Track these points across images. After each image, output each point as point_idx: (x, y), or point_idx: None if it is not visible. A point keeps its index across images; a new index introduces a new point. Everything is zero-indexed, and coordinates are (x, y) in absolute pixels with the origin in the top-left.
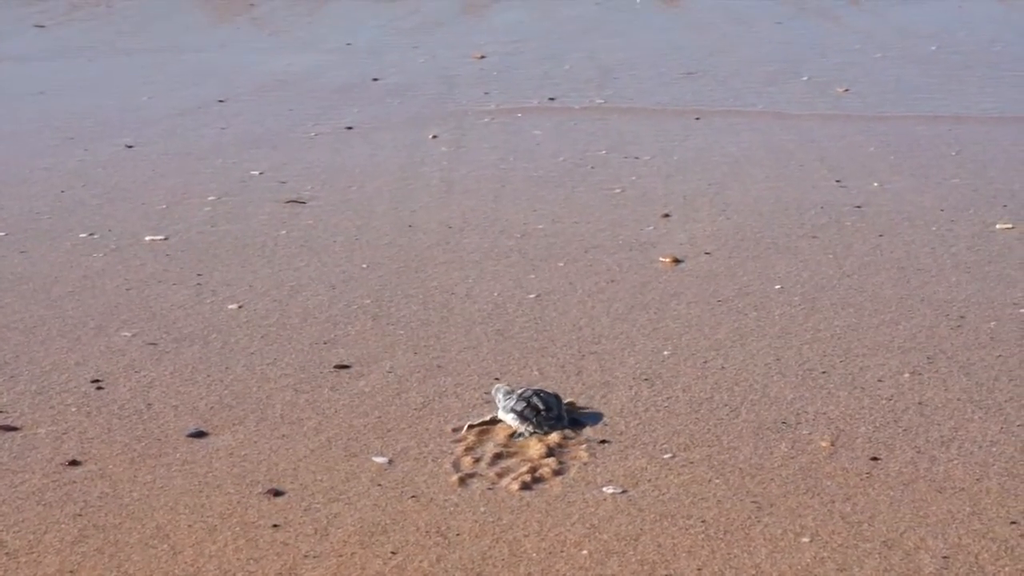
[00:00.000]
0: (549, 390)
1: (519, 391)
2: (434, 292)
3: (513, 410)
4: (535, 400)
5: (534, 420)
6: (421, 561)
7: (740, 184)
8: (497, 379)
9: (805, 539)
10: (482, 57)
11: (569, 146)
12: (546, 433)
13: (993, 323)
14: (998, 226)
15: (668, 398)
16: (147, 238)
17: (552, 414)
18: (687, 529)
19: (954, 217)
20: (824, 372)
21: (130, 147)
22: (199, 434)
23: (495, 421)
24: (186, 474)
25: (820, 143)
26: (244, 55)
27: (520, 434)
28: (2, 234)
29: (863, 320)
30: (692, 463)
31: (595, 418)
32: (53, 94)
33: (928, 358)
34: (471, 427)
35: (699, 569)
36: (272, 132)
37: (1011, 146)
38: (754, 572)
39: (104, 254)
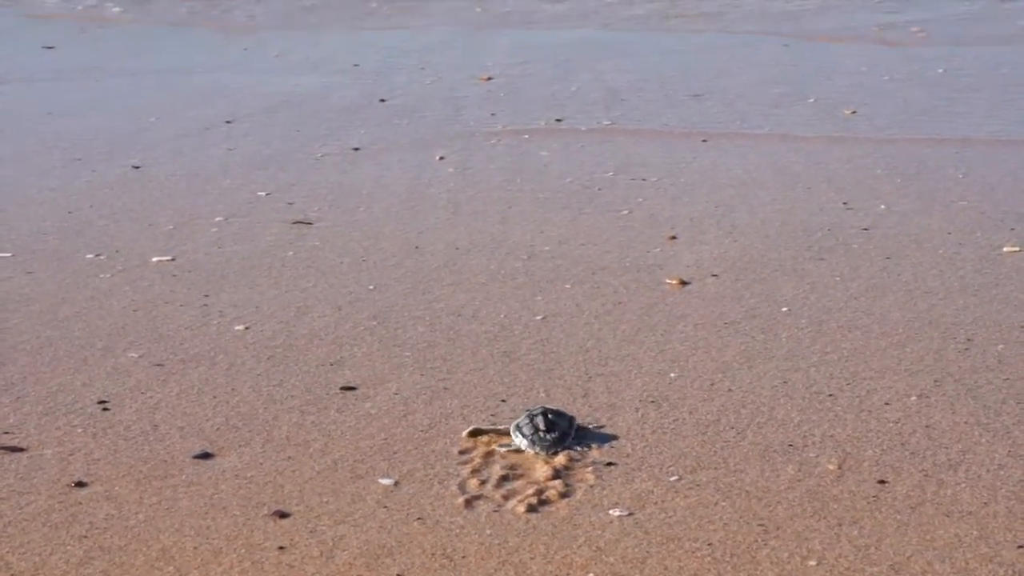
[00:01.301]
0: (565, 411)
1: (533, 409)
2: (440, 314)
3: (518, 424)
4: (538, 419)
5: (529, 437)
6: None
7: (747, 206)
8: (504, 400)
9: (812, 562)
10: (489, 79)
11: (576, 168)
12: (548, 453)
13: (1001, 346)
14: (1005, 249)
15: (675, 420)
16: (154, 259)
17: (551, 435)
18: (693, 552)
19: (961, 240)
20: (831, 395)
21: (137, 168)
22: (205, 455)
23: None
24: (192, 496)
25: (827, 165)
26: (251, 76)
27: (515, 447)
28: (9, 255)
29: (870, 343)
30: (699, 486)
31: (604, 439)
32: (61, 115)
33: (935, 381)
34: (475, 434)
35: None
36: (279, 153)
37: (1019, 168)
38: None
39: (111, 275)
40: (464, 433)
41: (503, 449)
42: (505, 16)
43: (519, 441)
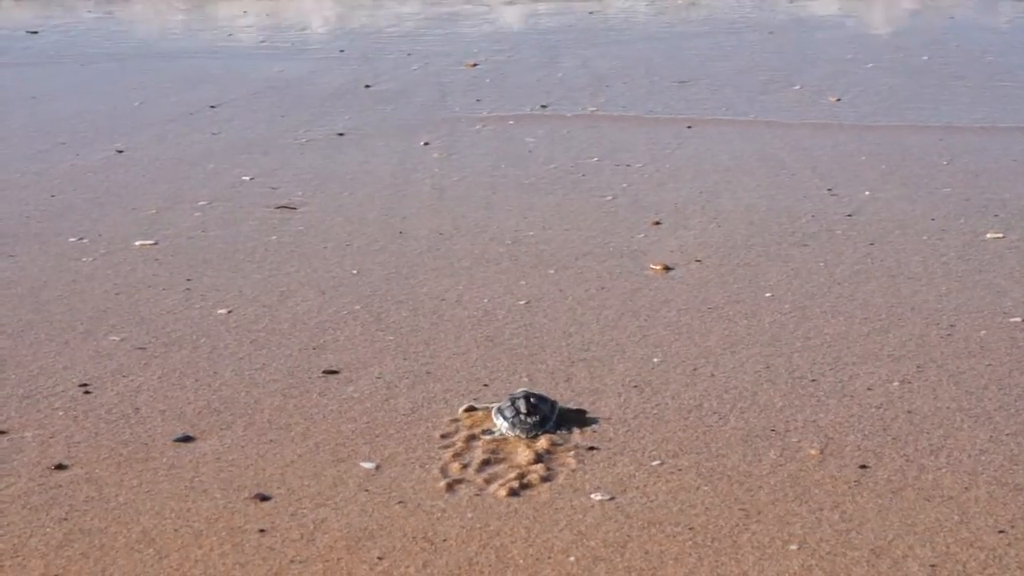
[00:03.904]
0: (548, 396)
1: (515, 393)
2: (424, 299)
3: (499, 408)
4: (520, 403)
5: (510, 420)
6: (407, 567)
7: (731, 192)
8: (486, 385)
9: (793, 547)
10: (475, 65)
11: (561, 153)
12: (529, 436)
13: (983, 332)
14: (988, 235)
15: (657, 405)
16: (137, 243)
17: (532, 419)
18: (675, 536)
19: (945, 226)
20: (814, 380)
21: (121, 152)
22: (186, 439)
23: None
24: (172, 479)
25: (812, 152)
26: (236, 61)
27: (489, 431)
28: None
29: (853, 328)
30: (680, 470)
31: (586, 423)
32: (45, 99)
33: (918, 367)
34: (469, 410)
35: None
36: (263, 138)
37: (1002, 156)
38: None
39: (94, 258)
40: (460, 410)
41: (487, 437)
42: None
43: (500, 424)
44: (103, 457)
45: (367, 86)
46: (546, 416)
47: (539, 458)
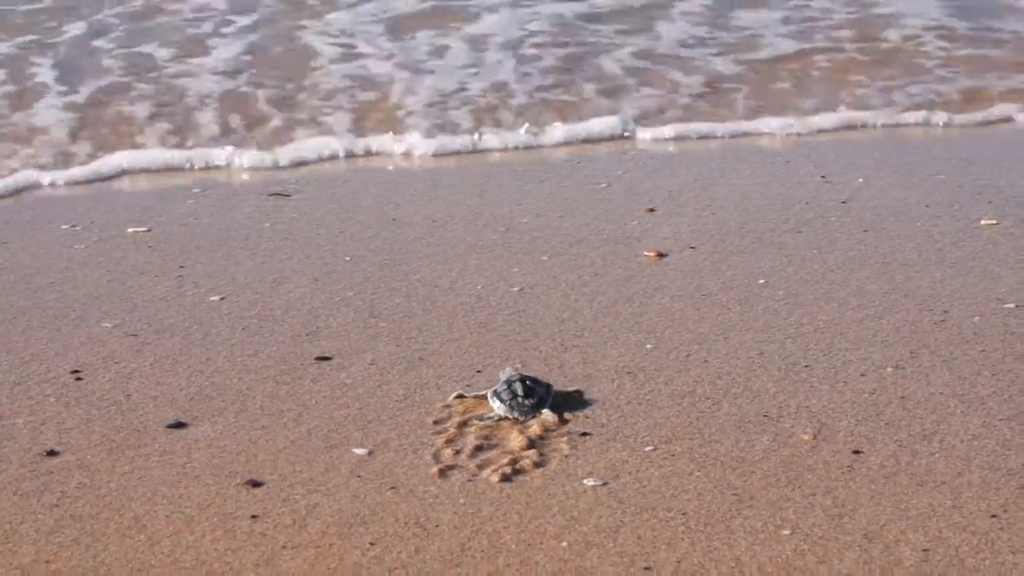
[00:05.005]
0: (543, 379)
1: (512, 375)
2: (417, 285)
3: (496, 391)
4: (516, 385)
5: (508, 403)
6: (400, 552)
7: (726, 179)
8: (479, 371)
9: (786, 531)
10: None
11: None
12: (527, 418)
13: (976, 318)
14: (983, 222)
15: (650, 391)
16: (130, 230)
17: (529, 401)
18: (667, 521)
19: (939, 213)
20: (807, 366)
21: None
22: (178, 425)
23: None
24: (164, 465)
25: (806, 139)
26: None
27: (483, 416)
28: None
29: (846, 315)
30: (673, 456)
31: (579, 408)
32: None
33: (911, 353)
34: (459, 397)
35: (679, 561)
36: None
37: (997, 143)
38: (734, 564)
39: (86, 245)
40: (451, 397)
41: (480, 423)
42: None
43: (497, 406)
44: (95, 443)
45: None
46: (542, 398)
47: (532, 444)
